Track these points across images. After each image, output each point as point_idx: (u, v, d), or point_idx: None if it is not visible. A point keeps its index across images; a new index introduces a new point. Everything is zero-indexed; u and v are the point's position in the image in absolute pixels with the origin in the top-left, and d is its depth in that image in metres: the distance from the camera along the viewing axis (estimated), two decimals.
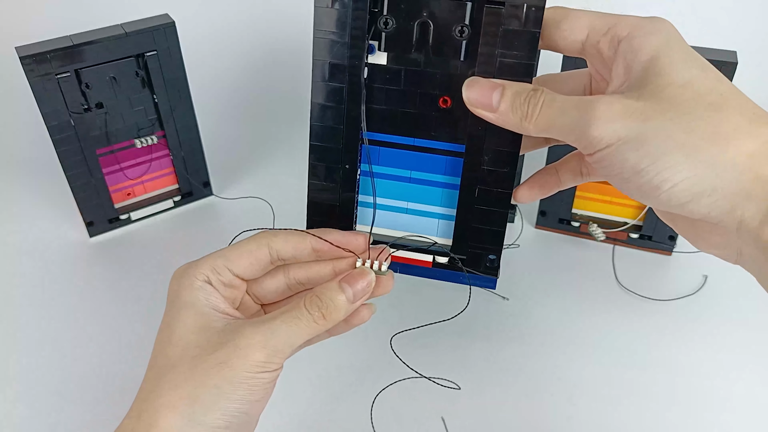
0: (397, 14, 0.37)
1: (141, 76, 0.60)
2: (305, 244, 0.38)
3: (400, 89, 0.39)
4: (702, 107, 0.30)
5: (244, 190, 0.72)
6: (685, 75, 0.31)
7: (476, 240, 0.40)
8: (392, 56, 0.38)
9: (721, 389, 0.50)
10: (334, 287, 0.36)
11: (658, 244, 0.62)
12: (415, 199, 0.41)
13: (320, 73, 0.38)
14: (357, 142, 0.39)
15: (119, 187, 0.66)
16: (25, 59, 0.54)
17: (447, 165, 0.40)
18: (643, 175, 0.30)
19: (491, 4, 0.35)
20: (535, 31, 0.35)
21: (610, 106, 0.31)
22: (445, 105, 0.38)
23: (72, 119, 0.58)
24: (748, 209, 0.29)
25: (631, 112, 0.30)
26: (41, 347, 0.54)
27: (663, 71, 0.31)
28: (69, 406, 0.49)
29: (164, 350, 0.35)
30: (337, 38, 0.37)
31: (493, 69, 0.36)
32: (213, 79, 0.87)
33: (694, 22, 0.86)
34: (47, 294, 0.59)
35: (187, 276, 0.38)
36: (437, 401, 0.49)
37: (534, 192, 0.41)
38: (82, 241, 0.65)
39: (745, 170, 0.29)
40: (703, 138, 0.29)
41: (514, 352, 0.53)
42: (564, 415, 0.48)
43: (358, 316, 0.39)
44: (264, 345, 0.34)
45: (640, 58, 0.32)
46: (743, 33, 0.87)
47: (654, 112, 0.30)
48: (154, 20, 0.60)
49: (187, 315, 0.36)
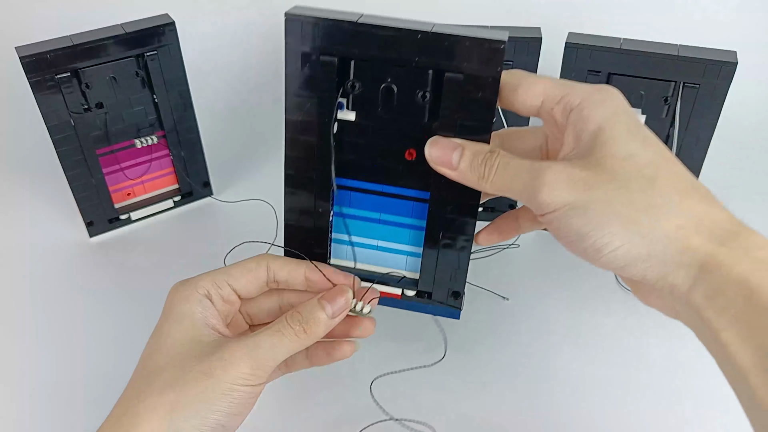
0: (364, 79, 0.39)
1: (141, 76, 0.60)
2: (299, 271, 0.40)
3: (369, 143, 0.41)
4: (640, 180, 0.33)
5: (243, 189, 0.72)
6: (626, 148, 0.33)
7: (441, 277, 0.44)
8: (361, 113, 0.40)
9: (721, 389, 0.50)
10: (315, 303, 0.38)
11: None
12: (384, 238, 0.45)
13: (292, 129, 0.41)
14: (329, 188, 0.42)
15: (119, 187, 0.66)
16: (25, 59, 0.54)
17: (413, 209, 0.43)
18: (586, 239, 0.33)
19: (451, 73, 0.37)
20: (491, 98, 0.37)
21: (557, 175, 0.34)
22: (411, 157, 0.41)
23: (72, 119, 0.58)
24: (678, 276, 0.32)
25: (576, 181, 0.33)
26: (41, 347, 0.54)
27: (607, 143, 0.34)
28: (69, 405, 0.49)
29: (152, 356, 0.37)
30: (307, 98, 0.40)
31: (454, 129, 0.38)
32: (213, 79, 0.87)
33: (694, 22, 0.86)
34: (47, 294, 0.59)
35: (187, 287, 0.39)
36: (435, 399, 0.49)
37: (493, 237, 0.44)
38: (82, 241, 0.65)
39: (674, 241, 0.32)
40: (639, 210, 0.32)
41: (514, 352, 0.53)
42: (564, 415, 0.48)
43: (341, 351, 0.42)
44: (248, 357, 0.35)
45: (588, 128, 0.35)
46: (743, 33, 0.87)
47: (596, 183, 0.33)
48: (154, 20, 0.60)
49: (180, 325, 0.37)
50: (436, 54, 0.37)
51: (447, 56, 0.37)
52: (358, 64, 0.39)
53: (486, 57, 0.36)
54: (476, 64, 0.37)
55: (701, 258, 0.32)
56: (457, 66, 0.37)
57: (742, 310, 0.30)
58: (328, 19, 0.37)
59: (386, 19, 0.37)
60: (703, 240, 0.32)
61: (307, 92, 0.39)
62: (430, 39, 0.37)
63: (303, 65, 0.39)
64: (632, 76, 0.55)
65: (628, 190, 0.33)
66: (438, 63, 0.38)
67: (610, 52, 0.54)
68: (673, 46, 0.54)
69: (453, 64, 0.37)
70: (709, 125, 0.55)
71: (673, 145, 0.56)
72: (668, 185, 0.33)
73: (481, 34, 0.36)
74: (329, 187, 0.42)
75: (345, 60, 0.39)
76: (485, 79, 0.37)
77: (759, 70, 0.84)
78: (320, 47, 0.38)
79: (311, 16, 0.37)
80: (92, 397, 0.49)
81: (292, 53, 0.39)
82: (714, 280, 0.31)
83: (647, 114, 0.56)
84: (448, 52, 0.37)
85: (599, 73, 0.55)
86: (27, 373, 0.52)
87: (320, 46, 0.38)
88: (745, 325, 0.30)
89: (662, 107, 0.55)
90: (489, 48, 0.36)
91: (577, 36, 0.56)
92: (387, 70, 0.38)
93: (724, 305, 0.31)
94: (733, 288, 0.31)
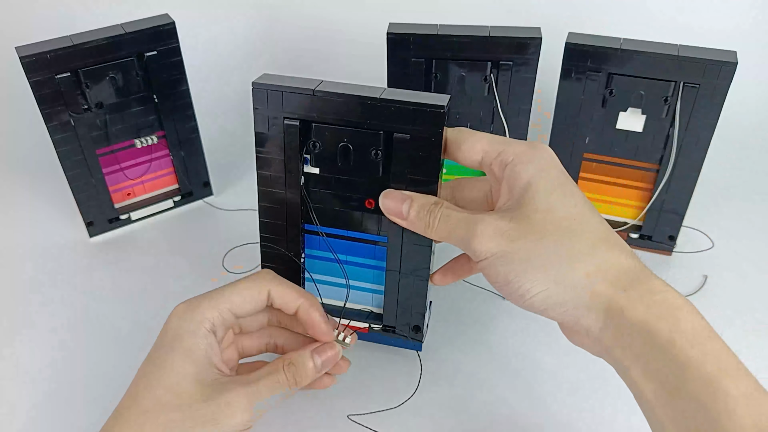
0: (324, 139, 0.44)
1: (141, 76, 0.60)
2: (294, 304, 0.43)
3: (332, 194, 0.47)
4: (558, 232, 0.37)
5: (244, 190, 0.72)
6: (548, 202, 0.38)
7: (402, 312, 0.49)
8: (323, 168, 0.46)
9: None
10: (307, 356, 0.42)
11: (658, 244, 0.62)
12: (351, 277, 0.50)
13: (264, 182, 0.46)
14: (298, 234, 0.48)
15: (119, 187, 0.66)
16: (25, 59, 0.54)
17: (375, 251, 0.49)
18: (511, 285, 0.37)
19: (399, 134, 0.42)
20: (436, 155, 0.42)
21: (486, 226, 0.38)
22: (370, 206, 0.46)
23: (72, 119, 0.58)
24: (590, 319, 0.36)
25: (503, 233, 0.37)
26: (41, 347, 0.54)
27: (533, 198, 0.38)
28: (68, 405, 0.49)
29: (153, 391, 0.38)
30: (275, 156, 0.45)
31: (405, 182, 0.43)
32: (213, 79, 0.87)
33: (694, 22, 0.86)
34: (47, 294, 0.59)
35: (193, 321, 0.40)
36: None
37: (447, 277, 0.48)
38: (82, 241, 0.65)
39: (584, 287, 0.36)
40: (555, 259, 0.36)
41: (513, 352, 0.53)
42: (563, 415, 0.48)
43: (321, 383, 0.45)
44: (248, 407, 0.38)
45: (518, 183, 0.39)
46: (743, 33, 0.87)
47: (520, 234, 0.37)
48: (154, 20, 0.60)
49: (184, 361, 0.39)
50: (384, 118, 0.42)
51: (394, 120, 0.42)
52: (318, 127, 0.43)
53: (429, 120, 0.41)
54: (420, 127, 0.41)
55: (606, 303, 0.35)
56: (403, 128, 0.42)
57: (643, 350, 0.34)
58: (290, 87, 0.42)
59: (342, 86, 0.42)
60: (608, 286, 0.35)
61: (275, 150, 0.45)
62: (379, 105, 0.41)
63: (270, 127, 0.44)
64: (632, 76, 0.55)
65: (547, 241, 0.36)
66: (387, 125, 0.42)
67: (610, 52, 0.54)
68: (673, 46, 0.54)
69: (400, 127, 0.42)
70: (709, 125, 0.55)
71: (673, 145, 0.56)
72: (582, 236, 0.37)
73: (424, 100, 0.41)
74: (298, 233, 0.48)
75: (306, 122, 0.43)
76: (429, 139, 0.41)
77: (759, 70, 0.84)
78: (284, 112, 0.43)
79: (276, 84, 0.43)
80: (92, 397, 0.49)
81: (260, 116, 0.44)
82: (618, 323, 0.35)
83: (647, 114, 0.56)
84: (396, 116, 0.41)
85: (599, 73, 0.55)
86: (27, 372, 0.52)
87: (284, 111, 0.43)
88: (647, 363, 0.33)
89: (662, 107, 0.55)
90: (431, 112, 0.41)
91: (577, 36, 0.56)
92: (343, 132, 0.43)
93: (628, 345, 0.34)
94: (634, 330, 0.34)
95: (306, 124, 0.44)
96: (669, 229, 0.61)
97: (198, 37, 0.87)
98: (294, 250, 0.48)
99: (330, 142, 0.44)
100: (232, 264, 0.62)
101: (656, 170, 0.59)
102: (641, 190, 0.61)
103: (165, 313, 0.41)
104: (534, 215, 0.37)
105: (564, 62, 0.56)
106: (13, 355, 0.53)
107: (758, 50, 0.84)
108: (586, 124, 0.58)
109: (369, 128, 0.42)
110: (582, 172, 0.62)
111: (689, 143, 0.56)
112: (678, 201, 0.59)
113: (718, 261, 0.62)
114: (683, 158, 0.57)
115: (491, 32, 0.56)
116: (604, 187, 0.62)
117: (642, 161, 0.59)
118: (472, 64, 0.57)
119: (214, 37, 0.90)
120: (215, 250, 0.64)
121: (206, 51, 0.88)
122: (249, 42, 0.93)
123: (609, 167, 0.61)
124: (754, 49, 0.82)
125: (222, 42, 0.91)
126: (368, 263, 0.49)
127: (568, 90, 0.57)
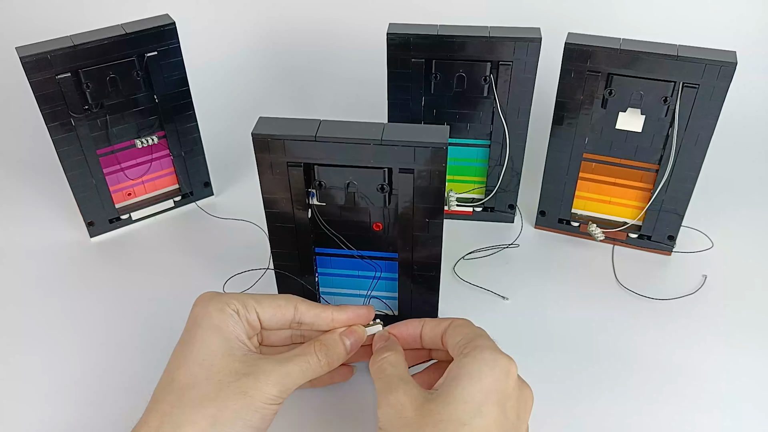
0: (328, 179, 0.45)
1: (141, 76, 0.60)
2: (325, 315, 0.45)
3: (341, 220, 0.48)
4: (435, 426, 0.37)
5: (244, 190, 0.72)
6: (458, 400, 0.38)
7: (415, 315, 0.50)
8: (329, 202, 0.47)
9: (721, 389, 0.50)
10: (338, 339, 0.44)
11: (657, 244, 0.63)
12: (364, 288, 0.53)
13: (272, 219, 0.48)
14: (311, 259, 0.50)
15: (120, 187, 0.66)
16: (25, 59, 0.54)
17: (385, 266, 0.51)
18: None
19: (403, 170, 0.43)
20: (440, 188, 0.44)
21: (397, 400, 0.38)
22: (378, 228, 0.48)
23: (72, 119, 0.59)
24: None
25: (402, 416, 0.38)
26: (41, 347, 0.54)
27: (452, 398, 0.38)
28: (69, 405, 0.49)
29: (189, 368, 0.39)
30: (281, 195, 0.46)
31: (411, 211, 0.45)
32: (213, 79, 0.88)
33: (694, 22, 0.86)
34: (47, 294, 0.59)
35: (218, 302, 0.42)
36: None
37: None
38: (82, 241, 0.65)
39: None
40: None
41: (513, 352, 0.53)
42: (563, 415, 0.48)
43: (341, 374, 0.48)
44: (279, 382, 0.40)
45: (449, 374, 0.40)
46: (743, 33, 0.87)
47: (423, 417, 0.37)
48: (154, 20, 0.60)
49: (213, 338, 0.40)
50: (387, 158, 0.43)
51: (396, 159, 0.43)
52: (321, 168, 0.45)
53: (431, 157, 0.42)
54: (423, 165, 0.43)
55: None
56: (406, 166, 0.43)
57: None
58: (291, 135, 0.43)
59: (342, 126, 0.43)
60: None
61: (281, 191, 0.46)
62: (382, 146, 0.43)
63: (273, 172, 0.45)
64: (632, 76, 0.55)
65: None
66: (390, 164, 0.44)
67: (610, 52, 0.54)
68: (673, 47, 0.54)
69: (403, 165, 0.43)
70: (708, 125, 0.55)
71: (673, 145, 0.56)
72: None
73: (424, 138, 0.42)
74: (311, 258, 0.50)
75: (309, 165, 0.44)
76: (433, 172, 0.43)
77: (759, 70, 0.84)
78: (286, 158, 0.44)
79: (276, 134, 0.43)
80: (92, 396, 0.49)
81: (263, 163, 0.45)
82: None
83: (646, 114, 0.56)
84: (397, 155, 0.43)
85: (599, 73, 0.55)
86: (27, 372, 0.52)
87: (286, 157, 0.44)
88: None
89: (662, 107, 0.55)
90: (432, 149, 0.42)
91: (577, 36, 0.56)
92: (347, 171, 0.44)
93: None
94: None
95: (309, 165, 0.45)
96: (669, 228, 0.61)
97: (198, 37, 0.87)
98: (307, 272, 0.51)
99: (334, 180, 0.45)
100: (233, 267, 0.61)
101: (656, 170, 0.59)
102: (641, 190, 0.61)
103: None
104: (442, 411, 0.37)
105: (563, 62, 0.56)
106: (13, 354, 0.53)
107: (758, 50, 0.84)
108: (586, 124, 0.58)
109: (372, 166, 0.44)
110: (582, 172, 0.62)
111: (689, 143, 0.56)
112: (677, 201, 0.59)
113: (717, 261, 0.62)
114: (683, 158, 0.57)
115: (491, 32, 0.56)
116: (603, 187, 0.62)
117: (641, 161, 0.59)
118: (472, 64, 0.58)
119: (214, 37, 0.90)
120: (215, 251, 0.64)
121: (206, 51, 0.88)
122: (249, 42, 0.93)
123: (608, 167, 0.61)
124: (754, 49, 0.82)
125: (222, 42, 0.91)
126: (378, 276, 0.52)
127: (567, 90, 0.57)
